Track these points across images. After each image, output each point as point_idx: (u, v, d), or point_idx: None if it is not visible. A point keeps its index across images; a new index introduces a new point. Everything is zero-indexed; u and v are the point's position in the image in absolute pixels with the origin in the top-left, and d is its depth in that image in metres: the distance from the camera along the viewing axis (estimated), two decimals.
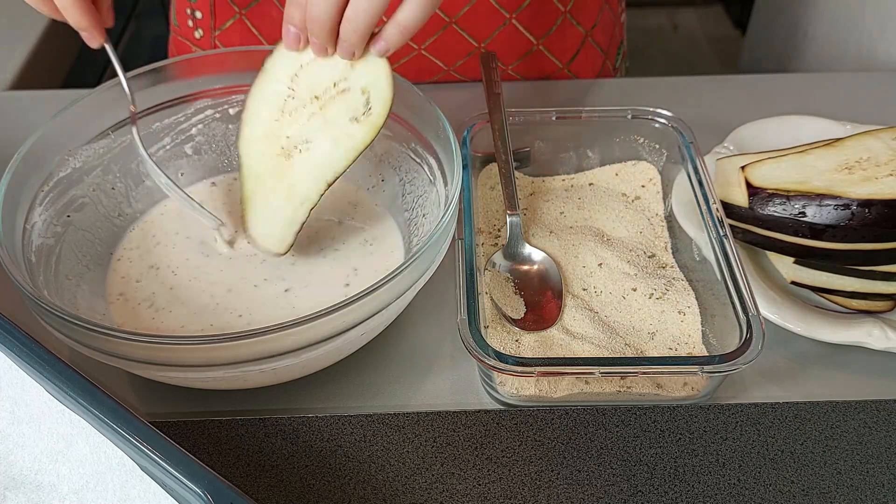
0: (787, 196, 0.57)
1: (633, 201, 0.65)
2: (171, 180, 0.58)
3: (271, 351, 0.46)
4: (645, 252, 0.60)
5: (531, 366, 0.49)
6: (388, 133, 0.63)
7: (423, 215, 0.60)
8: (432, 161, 0.59)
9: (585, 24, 0.81)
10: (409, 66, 0.79)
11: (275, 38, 0.78)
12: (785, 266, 0.59)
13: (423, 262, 0.49)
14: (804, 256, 0.58)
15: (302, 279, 0.58)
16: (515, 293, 0.58)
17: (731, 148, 0.67)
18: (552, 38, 0.80)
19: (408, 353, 0.56)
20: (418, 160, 0.61)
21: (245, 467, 0.48)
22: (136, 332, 0.47)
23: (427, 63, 0.79)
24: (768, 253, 0.61)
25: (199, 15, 0.81)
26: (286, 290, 0.57)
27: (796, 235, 0.57)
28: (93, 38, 0.55)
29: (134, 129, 0.58)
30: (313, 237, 0.61)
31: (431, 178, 0.59)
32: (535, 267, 0.59)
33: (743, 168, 0.59)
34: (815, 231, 0.56)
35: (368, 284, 0.47)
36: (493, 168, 0.66)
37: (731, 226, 0.58)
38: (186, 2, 0.82)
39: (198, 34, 0.82)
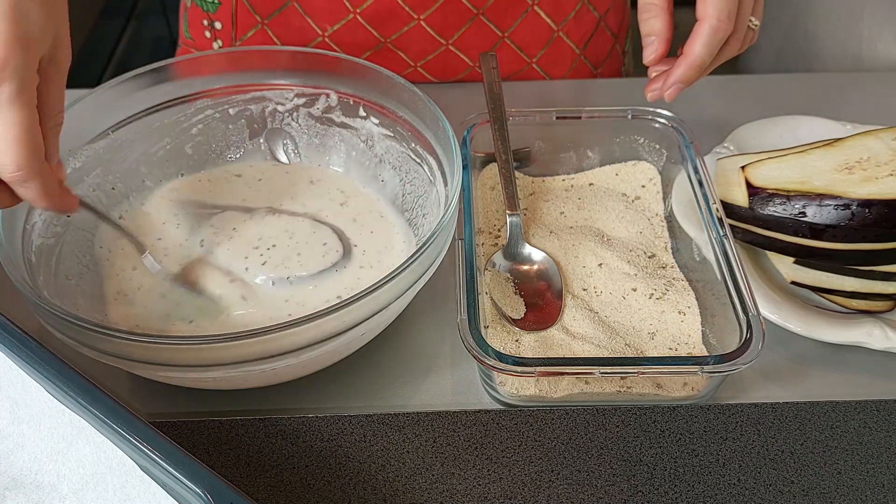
0: (787, 196, 0.57)
1: (633, 201, 0.65)
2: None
3: (271, 351, 0.46)
4: (645, 252, 0.60)
5: (531, 366, 0.49)
6: (388, 133, 0.63)
7: (423, 215, 0.60)
8: (432, 161, 0.59)
9: (600, 8, 0.82)
10: (434, 62, 0.79)
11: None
12: (785, 266, 0.59)
13: (423, 262, 0.49)
14: (804, 256, 0.58)
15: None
16: (515, 293, 0.58)
17: (731, 148, 0.66)
18: (570, 23, 0.80)
19: (408, 353, 0.56)
20: (418, 160, 0.61)
21: (245, 467, 0.48)
22: (136, 332, 0.47)
23: (453, 59, 0.79)
24: (768, 253, 0.61)
25: (218, 26, 0.80)
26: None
27: (796, 235, 0.57)
28: (69, 208, 0.50)
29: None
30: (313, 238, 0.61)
31: (431, 178, 0.59)
32: (535, 267, 0.59)
33: (743, 168, 0.59)
34: (816, 231, 0.56)
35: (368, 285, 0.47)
36: (493, 168, 0.66)
37: (731, 226, 0.58)
38: (203, 13, 0.81)
39: (217, 45, 0.82)
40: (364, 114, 0.64)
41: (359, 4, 0.75)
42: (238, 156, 0.67)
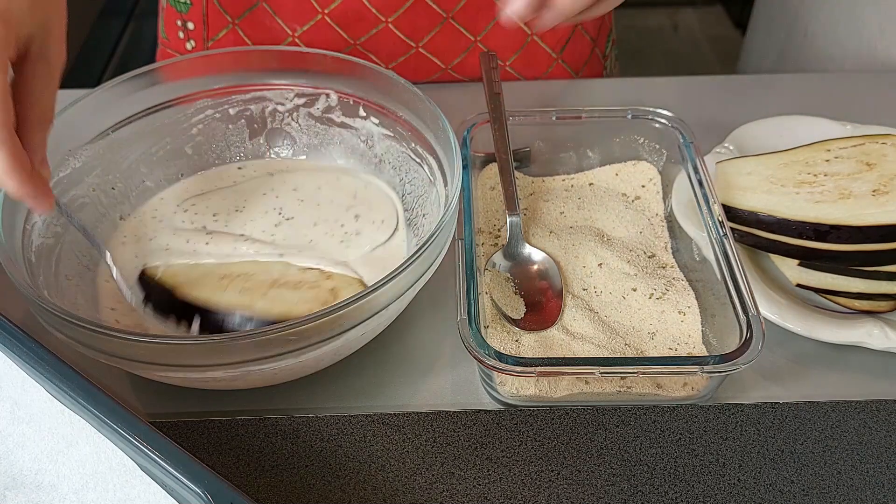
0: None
1: (633, 201, 0.65)
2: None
3: (271, 351, 0.46)
4: (645, 252, 0.60)
5: (531, 366, 0.49)
6: (388, 133, 0.63)
7: (423, 215, 0.60)
8: (432, 161, 0.59)
9: None
10: (406, 64, 0.79)
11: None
12: (790, 269, 0.59)
13: (423, 262, 0.49)
14: (808, 258, 0.57)
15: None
16: (515, 293, 0.58)
17: (731, 148, 0.66)
18: None
19: (408, 353, 0.56)
20: (418, 160, 0.61)
21: (245, 467, 0.48)
22: (136, 332, 0.47)
23: (424, 62, 0.79)
24: (772, 255, 0.60)
25: (190, 26, 0.80)
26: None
27: (801, 238, 0.56)
28: (42, 204, 0.46)
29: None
30: (313, 240, 0.61)
31: (431, 178, 0.59)
32: (535, 267, 0.59)
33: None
34: (820, 233, 0.55)
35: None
36: (493, 168, 0.66)
37: (733, 229, 0.58)
38: (177, 13, 0.81)
39: (189, 45, 0.82)
40: (364, 114, 0.64)
41: (326, 5, 0.75)
42: (238, 156, 0.67)
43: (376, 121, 0.63)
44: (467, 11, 0.77)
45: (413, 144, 0.61)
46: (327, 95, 0.64)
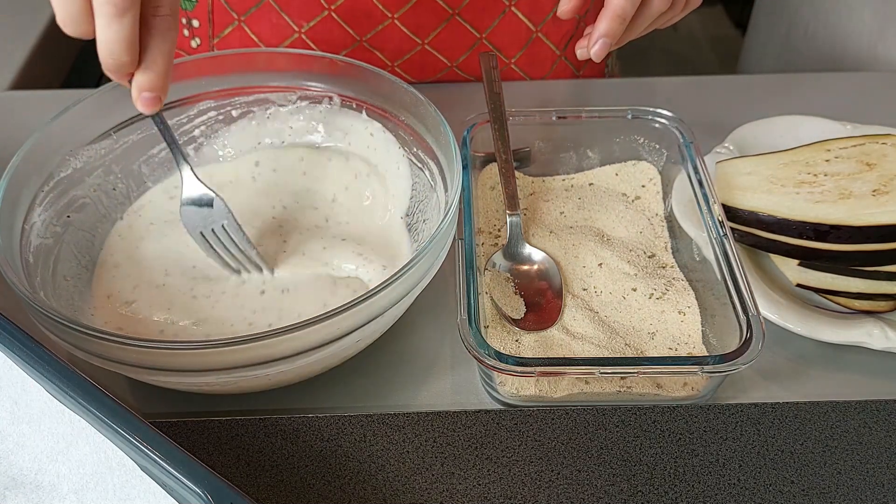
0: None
1: (633, 201, 0.65)
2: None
3: (265, 357, 0.45)
4: (645, 252, 0.60)
5: (531, 366, 0.49)
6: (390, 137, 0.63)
7: (424, 220, 0.60)
8: (433, 166, 0.59)
9: None
10: (411, 62, 0.79)
11: (274, 44, 0.78)
12: (790, 269, 0.59)
13: (420, 269, 0.49)
14: (808, 258, 0.57)
15: (299, 284, 0.57)
16: (515, 293, 0.58)
17: (731, 148, 0.66)
18: (549, 24, 0.80)
19: (408, 354, 0.56)
20: (420, 165, 0.61)
21: (245, 467, 0.48)
22: (129, 335, 0.46)
23: (431, 59, 0.79)
24: (772, 255, 0.60)
25: (196, 24, 0.80)
26: (283, 294, 0.57)
27: (801, 238, 0.56)
28: (152, 100, 0.49)
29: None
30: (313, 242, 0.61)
31: (432, 183, 0.59)
32: (535, 267, 0.59)
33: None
34: (820, 233, 0.55)
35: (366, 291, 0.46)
36: (493, 168, 0.66)
37: (733, 229, 0.58)
38: (182, 11, 0.81)
39: (194, 43, 0.82)
40: (366, 117, 0.64)
41: (333, 1, 0.75)
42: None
43: (378, 125, 0.63)
44: (473, 8, 0.77)
45: (415, 149, 0.61)
46: (330, 98, 0.64)
